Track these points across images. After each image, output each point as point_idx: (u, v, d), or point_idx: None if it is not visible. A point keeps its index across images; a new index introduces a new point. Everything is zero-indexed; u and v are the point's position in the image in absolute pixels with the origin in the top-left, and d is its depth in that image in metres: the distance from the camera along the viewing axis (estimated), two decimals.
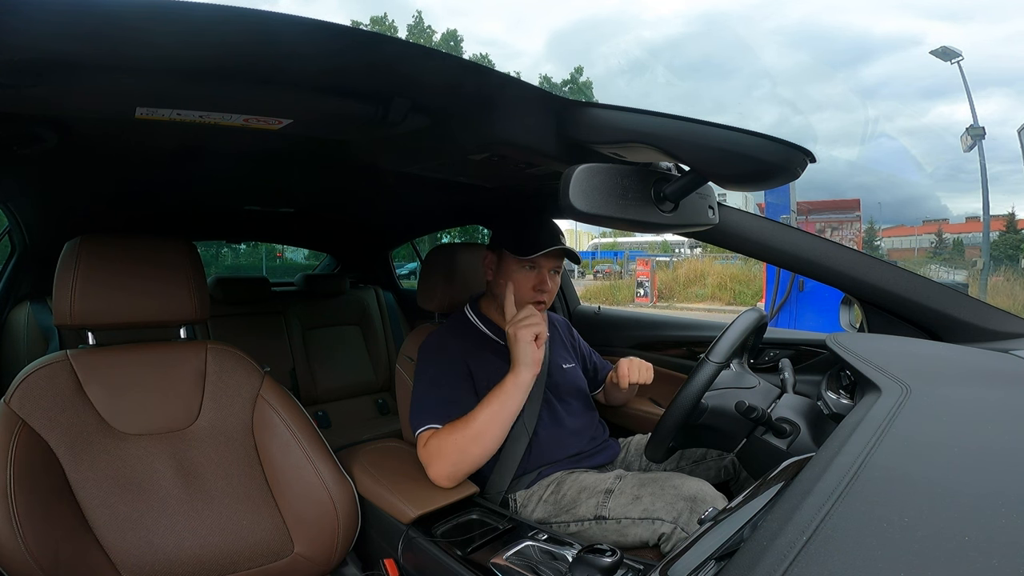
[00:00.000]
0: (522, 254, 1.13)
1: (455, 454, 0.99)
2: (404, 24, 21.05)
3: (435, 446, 1.00)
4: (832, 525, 0.36)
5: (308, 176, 1.39)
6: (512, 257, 1.15)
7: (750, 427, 0.91)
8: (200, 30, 0.49)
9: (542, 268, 1.15)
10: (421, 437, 1.04)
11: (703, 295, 12.35)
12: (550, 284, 1.15)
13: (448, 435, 1.00)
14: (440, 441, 1.00)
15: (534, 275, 1.15)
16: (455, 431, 1.00)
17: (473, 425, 0.99)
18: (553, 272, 1.17)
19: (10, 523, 0.74)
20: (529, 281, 1.15)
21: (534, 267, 1.15)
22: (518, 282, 1.14)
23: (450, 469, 0.99)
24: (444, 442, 1.00)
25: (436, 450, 1.00)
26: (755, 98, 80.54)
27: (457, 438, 0.99)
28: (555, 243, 1.12)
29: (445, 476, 1.00)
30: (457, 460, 0.99)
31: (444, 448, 0.99)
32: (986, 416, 0.57)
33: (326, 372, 2.30)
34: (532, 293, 1.14)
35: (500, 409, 0.99)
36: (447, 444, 0.99)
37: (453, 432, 1.00)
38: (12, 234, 1.66)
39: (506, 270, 1.17)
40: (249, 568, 0.94)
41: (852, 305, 1.16)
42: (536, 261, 1.14)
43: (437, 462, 1.00)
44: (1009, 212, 16.44)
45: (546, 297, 1.16)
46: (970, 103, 11.14)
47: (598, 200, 0.59)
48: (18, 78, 0.55)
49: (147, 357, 1.00)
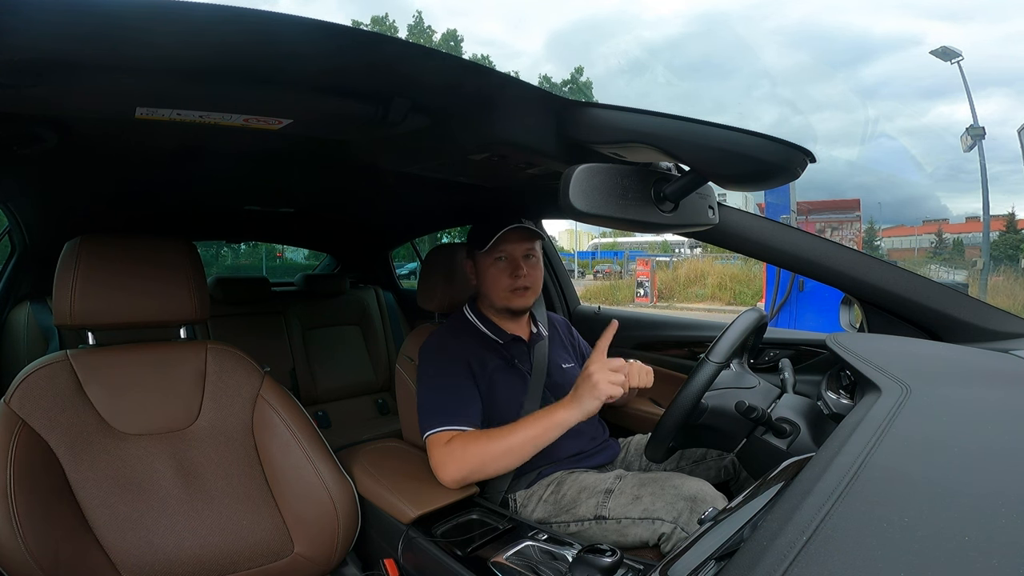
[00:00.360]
0: (483, 245, 1.15)
1: (477, 462, 0.98)
2: (404, 24, 21.10)
3: (458, 449, 0.99)
4: (832, 525, 0.36)
5: (308, 176, 1.39)
6: (483, 255, 1.17)
7: (750, 427, 0.91)
8: (200, 30, 0.49)
9: (512, 255, 1.16)
10: (438, 437, 1.02)
11: (703, 295, 12.35)
12: (525, 268, 1.16)
13: (475, 442, 0.99)
14: (465, 445, 0.99)
15: (506, 265, 1.16)
16: (486, 440, 0.99)
17: (507, 440, 0.98)
18: (527, 257, 1.17)
19: (10, 523, 0.74)
20: (503, 273, 1.16)
21: (503, 257, 1.16)
22: (494, 277, 1.16)
23: (465, 474, 0.99)
24: (469, 447, 0.99)
25: (457, 453, 0.99)
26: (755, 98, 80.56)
27: (485, 447, 0.98)
28: (510, 223, 1.13)
29: (458, 480, 0.99)
30: (477, 467, 0.99)
31: (468, 453, 0.99)
32: (986, 416, 0.57)
33: (326, 372, 2.30)
34: (510, 282, 1.15)
35: (540, 435, 0.98)
36: (472, 450, 0.99)
37: (483, 441, 0.99)
38: (12, 234, 1.66)
39: (482, 271, 1.18)
40: (249, 568, 0.94)
41: (852, 305, 1.16)
42: (503, 250, 1.15)
43: (453, 465, 0.99)
44: (1009, 212, 16.45)
45: (527, 282, 1.16)
46: (970, 103, 11.15)
47: (598, 200, 0.59)
48: (18, 78, 0.55)
49: (147, 357, 1.00)
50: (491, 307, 1.21)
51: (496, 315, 1.22)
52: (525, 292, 1.16)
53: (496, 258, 1.16)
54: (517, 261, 1.16)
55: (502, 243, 1.14)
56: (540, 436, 0.98)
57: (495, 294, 1.17)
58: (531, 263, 1.17)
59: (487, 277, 1.18)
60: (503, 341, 1.19)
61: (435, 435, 1.03)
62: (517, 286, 1.15)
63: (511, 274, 1.15)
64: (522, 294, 1.16)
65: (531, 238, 1.17)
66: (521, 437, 0.97)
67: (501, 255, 1.16)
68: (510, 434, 0.98)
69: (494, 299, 1.18)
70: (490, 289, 1.18)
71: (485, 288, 1.19)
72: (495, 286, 1.16)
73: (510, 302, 1.16)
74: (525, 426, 0.98)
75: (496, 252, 1.15)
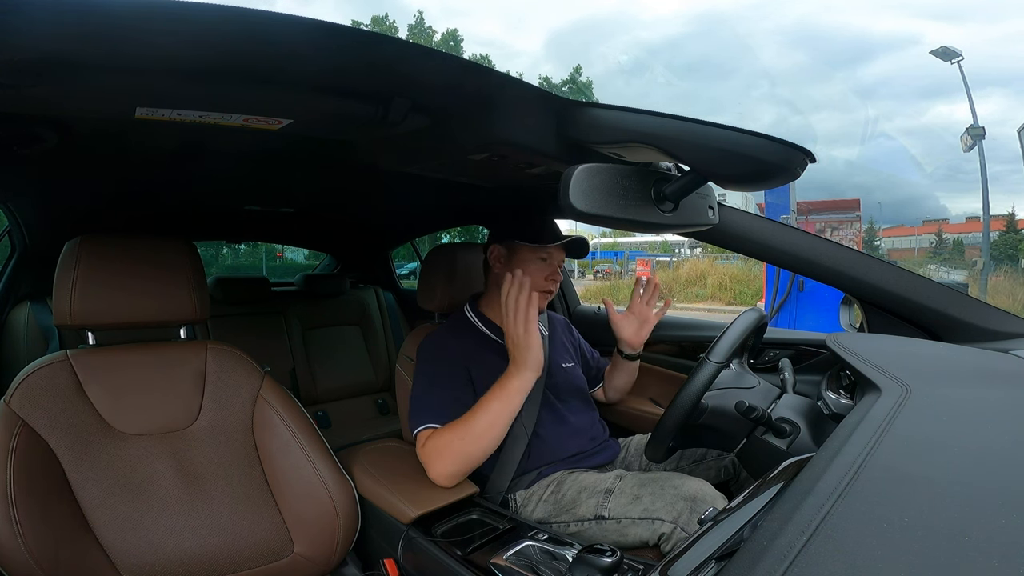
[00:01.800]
0: (541, 242, 1.15)
1: (454, 454, 0.99)
2: (405, 24, 21.11)
3: (434, 446, 1.00)
4: (832, 525, 0.36)
5: (308, 176, 1.39)
6: (527, 248, 1.17)
7: (750, 427, 0.91)
8: (200, 30, 0.49)
9: (554, 260, 1.18)
10: (420, 437, 1.04)
11: (703, 295, 12.36)
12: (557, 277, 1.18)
13: (447, 434, 1.00)
14: (439, 440, 1.00)
15: (547, 266, 1.17)
16: (454, 430, 0.99)
17: (473, 425, 0.98)
18: (559, 264, 1.20)
19: (10, 523, 0.74)
20: (543, 272, 1.17)
21: (547, 258, 1.17)
22: (532, 273, 1.15)
23: (451, 469, 0.99)
24: (443, 441, 1.00)
25: (435, 450, 1.00)
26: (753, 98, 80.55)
27: (456, 438, 0.99)
28: (566, 237, 1.16)
29: (445, 476, 1.00)
30: (457, 460, 0.99)
31: (443, 448, 0.99)
32: (986, 416, 0.57)
33: (326, 372, 2.30)
34: (544, 283, 1.17)
35: (501, 409, 0.99)
36: (446, 444, 0.99)
37: (452, 431, 1.00)
38: (12, 234, 1.66)
39: (519, 261, 1.18)
40: (249, 568, 0.94)
41: (852, 305, 1.16)
42: (550, 252, 1.17)
43: (437, 462, 1.00)
44: (1009, 212, 16.46)
45: (555, 288, 1.19)
46: (970, 103, 11.14)
47: (598, 200, 0.59)
48: (18, 78, 0.55)
49: (147, 357, 1.00)
50: (496, 305, 1.21)
51: (498, 315, 1.21)
52: (548, 296, 1.18)
53: (541, 257, 1.17)
54: (555, 267, 1.18)
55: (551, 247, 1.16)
56: (501, 409, 0.98)
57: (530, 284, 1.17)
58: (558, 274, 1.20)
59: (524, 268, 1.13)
60: (503, 341, 1.19)
61: (418, 435, 1.04)
62: (546, 288, 1.17)
63: (547, 277, 1.17)
64: (545, 297, 1.18)
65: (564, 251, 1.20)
66: (484, 416, 0.98)
67: (546, 256, 1.17)
68: (472, 418, 0.99)
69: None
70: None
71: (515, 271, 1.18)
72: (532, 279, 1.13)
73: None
74: (483, 405, 0.99)
75: (542, 252, 1.17)
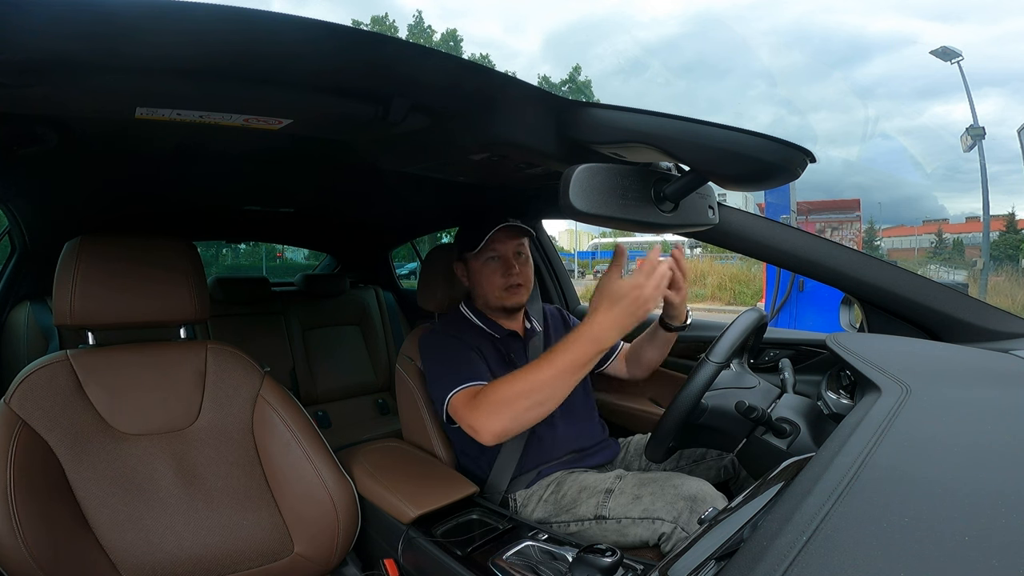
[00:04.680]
0: (474, 246, 1.15)
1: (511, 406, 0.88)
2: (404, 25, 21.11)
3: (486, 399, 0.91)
4: (832, 525, 0.36)
5: (308, 176, 1.39)
6: (473, 257, 1.17)
7: (750, 427, 0.91)
8: (200, 30, 0.49)
9: (504, 254, 1.16)
10: (461, 397, 0.98)
11: (703, 295, 12.35)
12: (518, 267, 1.17)
13: (501, 385, 0.91)
14: (492, 392, 0.91)
15: (499, 264, 1.16)
16: (510, 381, 0.90)
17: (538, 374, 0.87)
18: (518, 254, 1.18)
19: (10, 523, 0.74)
20: (496, 273, 1.16)
21: (495, 257, 1.16)
22: (487, 278, 1.17)
23: (505, 422, 0.89)
24: (498, 392, 0.90)
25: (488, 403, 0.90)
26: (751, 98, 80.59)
27: (512, 387, 0.89)
28: (499, 223, 1.14)
29: (499, 431, 0.89)
30: (513, 413, 0.88)
31: (498, 398, 0.89)
32: (986, 416, 0.57)
33: (326, 372, 2.30)
34: (503, 281, 1.16)
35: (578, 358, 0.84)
36: (502, 393, 0.89)
37: (507, 381, 0.90)
38: (12, 234, 1.66)
39: (474, 272, 1.19)
40: (249, 568, 0.94)
41: (852, 305, 1.16)
42: (494, 249, 1.16)
43: (492, 416, 0.89)
44: (1009, 212, 16.49)
45: (520, 279, 1.17)
46: (970, 103, 11.13)
47: (598, 200, 0.59)
48: (18, 78, 0.55)
49: (147, 357, 1.00)
50: (486, 306, 1.22)
51: (492, 313, 1.22)
52: (519, 289, 1.17)
53: (488, 258, 1.17)
54: (509, 259, 1.17)
55: (492, 243, 1.15)
56: (578, 359, 0.84)
57: (490, 294, 1.17)
58: (522, 260, 1.19)
59: (481, 278, 1.18)
60: (499, 336, 1.20)
61: (457, 396, 0.98)
62: (511, 284, 1.16)
63: (504, 273, 1.16)
64: (516, 291, 1.17)
65: (520, 235, 1.18)
66: (552, 368, 0.86)
67: (493, 255, 1.16)
68: (537, 369, 0.87)
69: (489, 299, 1.18)
70: (485, 289, 1.18)
71: (480, 289, 1.20)
72: (489, 286, 1.17)
73: (505, 300, 1.17)
74: (553, 356, 0.87)
75: (487, 252, 1.16)
